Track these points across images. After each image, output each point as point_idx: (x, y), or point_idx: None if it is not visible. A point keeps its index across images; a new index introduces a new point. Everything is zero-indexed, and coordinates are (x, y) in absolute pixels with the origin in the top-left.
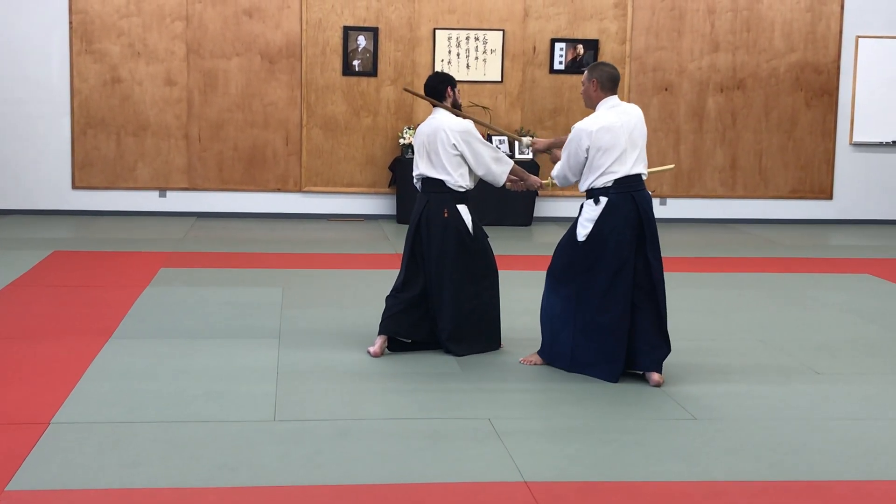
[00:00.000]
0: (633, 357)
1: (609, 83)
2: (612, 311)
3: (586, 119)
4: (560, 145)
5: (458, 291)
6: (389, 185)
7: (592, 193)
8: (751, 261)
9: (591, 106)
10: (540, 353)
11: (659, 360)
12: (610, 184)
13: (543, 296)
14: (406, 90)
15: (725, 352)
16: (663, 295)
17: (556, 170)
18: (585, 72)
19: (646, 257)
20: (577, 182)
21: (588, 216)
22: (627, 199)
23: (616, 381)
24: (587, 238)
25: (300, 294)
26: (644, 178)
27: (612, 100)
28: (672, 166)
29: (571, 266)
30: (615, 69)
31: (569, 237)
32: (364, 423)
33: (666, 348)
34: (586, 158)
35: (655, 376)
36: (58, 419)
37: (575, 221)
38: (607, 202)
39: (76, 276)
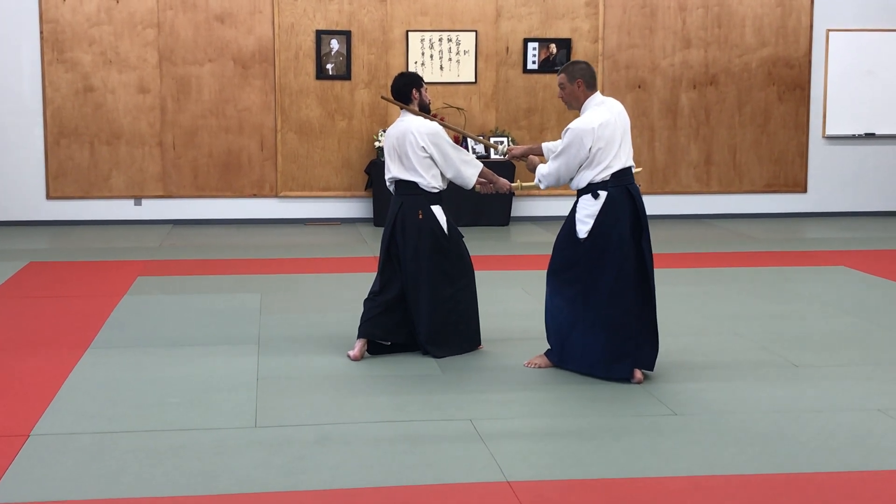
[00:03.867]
0: None
1: (592, 80)
2: (620, 306)
3: (583, 118)
4: (537, 152)
5: (434, 293)
6: (366, 189)
7: (590, 188)
8: (727, 255)
9: (576, 107)
10: (548, 355)
11: (652, 358)
12: (608, 178)
13: (547, 298)
14: (384, 98)
15: (704, 347)
16: (654, 288)
17: (548, 170)
18: (563, 74)
19: (640, 249)
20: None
21: (588, 212)
22: (623, 191)
23: (630, 379)
24: (589, 234)
25: (279, 300)
26: (634, 170)
27: (598, 96)
28: (639, 169)
29: (576, 265)
30: (591, 65)
31: (567, 235)
32: (345, 427)
33: (656, 344)
34: (587, 157)
35: (639, 374)
36: (37, 431)
37: (571, 219)
38: (607, 196)
39: (52, 287)
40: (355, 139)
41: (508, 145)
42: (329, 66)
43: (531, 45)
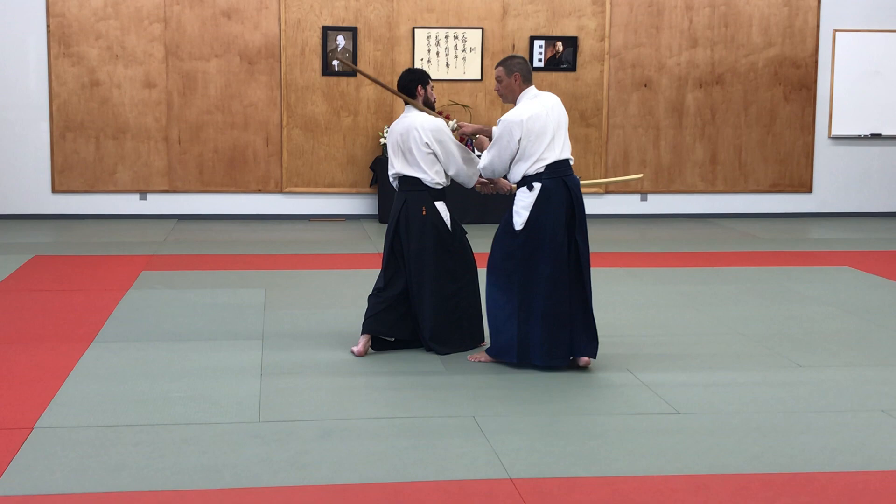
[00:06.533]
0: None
1: (529, 75)
2: (557, 296)
3: (514, 111)
4: (487, 133)
5: (438, 290)
6: (371, 185)
7: (525, 181)
8: (732, 255)
9: (511, 100)
10: (488, 351)
11: (593, 346)
12: (542, 170)
13: (486, 291)
14: (339, 60)
15: (708, 346)
16: (589, 279)
17: (485, 162)
18: (501, 68)
19: (576, 241)
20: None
21: (523, 203)
22: (559, 183)
23: (566, 365)
24: (525, 226)
25: (283, 295)
26: (571, 162)
27: (532, 90)
28: (640, 176)
29: (511, 256)
30: (527, 61)
31: (504, 228)
32: (349, 422)
33: (594, 333)
34: (517, 149)
35: (586, 359)
36: (41, 424)
37: (509, 212)
38: (541, 188)
39: (57, 281)
40: (361, 135)
41: (458, 122)
42: (335, 63)
43: (537, 42)
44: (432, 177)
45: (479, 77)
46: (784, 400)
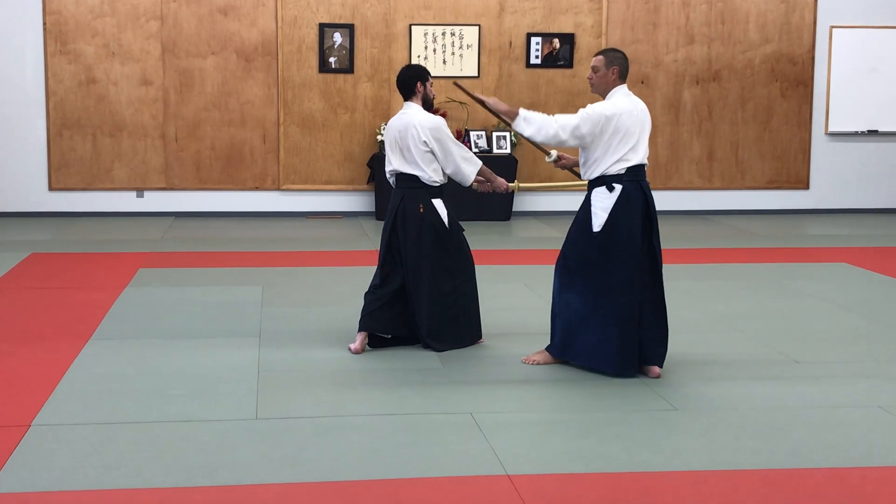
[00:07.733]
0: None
1: (626, 73)
2: (631, 303)
3: (607, 103)
4: None
5: (435, 287)
6: (368, 182)
7: (605, 181)
8: (729, 251)
9: (600, 92)
10: (550, 350)
11: (662, 355)
12: (623, 171)
13: (556, 292)
14: (456, 84)
15: (705, 343)
16: (663, 285)
17: (568, 119)
18: (601, 58)
19: (652, 246)
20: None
21: (602, 205)
22: (637, 187)
23: (647, 374)
24: (603, 227)
25: (280, 292)
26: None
27: (625, 88)
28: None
29: (589, 259)
30: (627, 58)
31: (581, 228)
32: (346, 419)
33: (666, 341)
34: (602, 133)
35: (656, 369)
36: (38, 421)
37: (585, 211)
38: (622, 190)
39: (54, 278)
40: (358, 132)
41: (558, 153)
42: (332, 60)
43: (534, 39)
44: (430, 174)
45: (476, 74)
46: (781, 396)
